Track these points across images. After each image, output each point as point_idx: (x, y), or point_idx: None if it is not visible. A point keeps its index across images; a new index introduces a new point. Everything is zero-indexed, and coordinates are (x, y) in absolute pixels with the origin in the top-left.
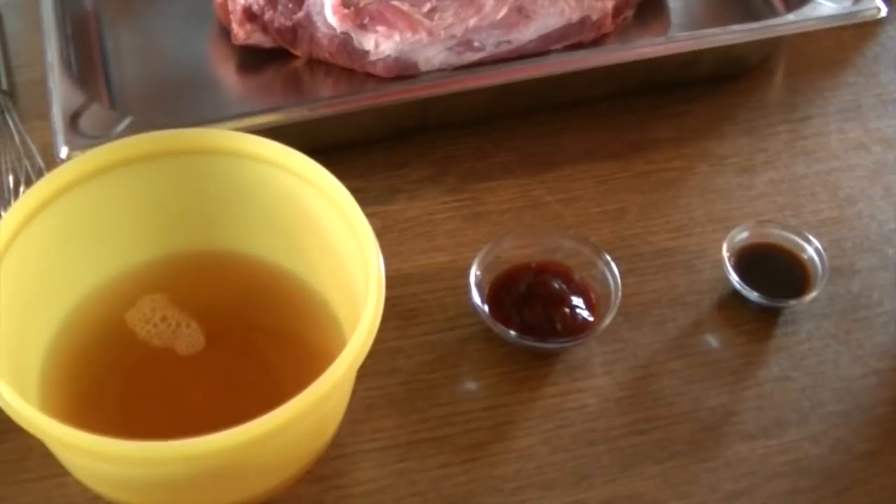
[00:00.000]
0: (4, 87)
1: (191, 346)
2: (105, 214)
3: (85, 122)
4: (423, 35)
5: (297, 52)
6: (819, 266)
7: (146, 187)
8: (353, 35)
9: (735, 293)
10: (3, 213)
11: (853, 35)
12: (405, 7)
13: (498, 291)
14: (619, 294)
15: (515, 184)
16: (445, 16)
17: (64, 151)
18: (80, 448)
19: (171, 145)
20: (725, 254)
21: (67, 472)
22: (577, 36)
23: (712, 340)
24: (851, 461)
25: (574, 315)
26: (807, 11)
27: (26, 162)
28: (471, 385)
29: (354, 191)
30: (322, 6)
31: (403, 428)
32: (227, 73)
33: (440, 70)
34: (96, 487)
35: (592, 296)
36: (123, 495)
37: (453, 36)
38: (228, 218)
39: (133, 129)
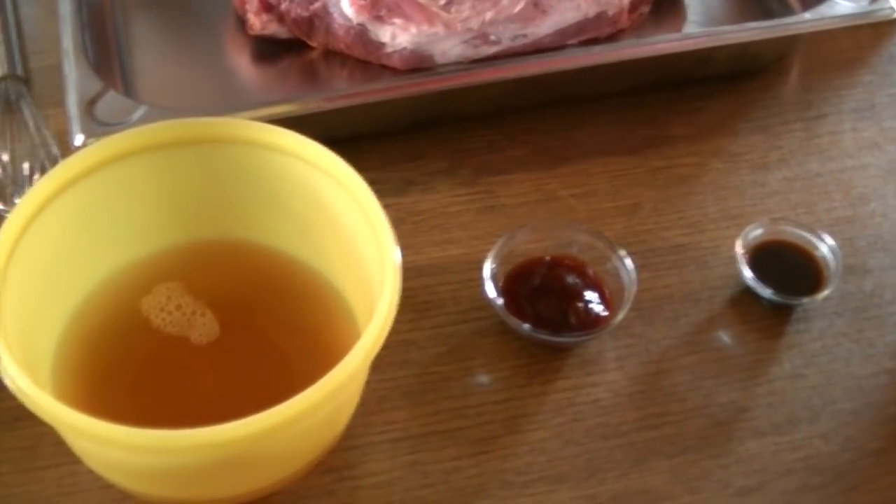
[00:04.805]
0: (20, 73)
1: (205, 335)
2: (120, 202)
3: (100, 110)
4: (439, 28)
5: (313, 43)
6: (832, 264)
7: (162, 176)
8: (369, 27)
9: (748, 290)
10: (18, 201)
11: (869, 34)
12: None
13: (512, 285)
14: (634, 289)
15: (530, 177)
16: (462, 9)
17: (79, 139)
18: (92, 435)
19: (188, 134)
20: (739, 251)
21: (79, 459)
22: (593, 31)
23: (725, 337)
24: (862, 459)
25: (588, 309)
26: (823, 10)
27: (41, 149)
28: (483, 378)
29: (369, 182)
30: None
31: (415, 420)
32: (242, 63)
33: (456, 63)
34: (108, 475)
35: (606, 290)
36: (135, 483)
37: (470, 29)
38: (244, 207)
39: (148, 118)
